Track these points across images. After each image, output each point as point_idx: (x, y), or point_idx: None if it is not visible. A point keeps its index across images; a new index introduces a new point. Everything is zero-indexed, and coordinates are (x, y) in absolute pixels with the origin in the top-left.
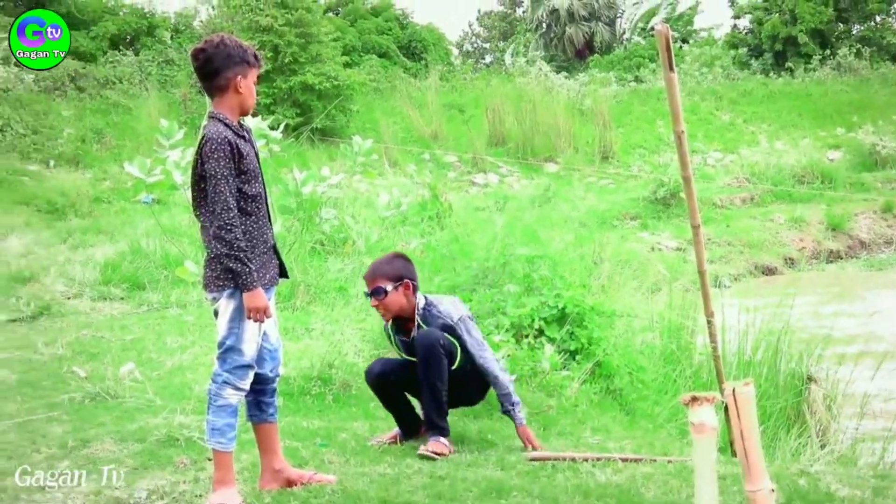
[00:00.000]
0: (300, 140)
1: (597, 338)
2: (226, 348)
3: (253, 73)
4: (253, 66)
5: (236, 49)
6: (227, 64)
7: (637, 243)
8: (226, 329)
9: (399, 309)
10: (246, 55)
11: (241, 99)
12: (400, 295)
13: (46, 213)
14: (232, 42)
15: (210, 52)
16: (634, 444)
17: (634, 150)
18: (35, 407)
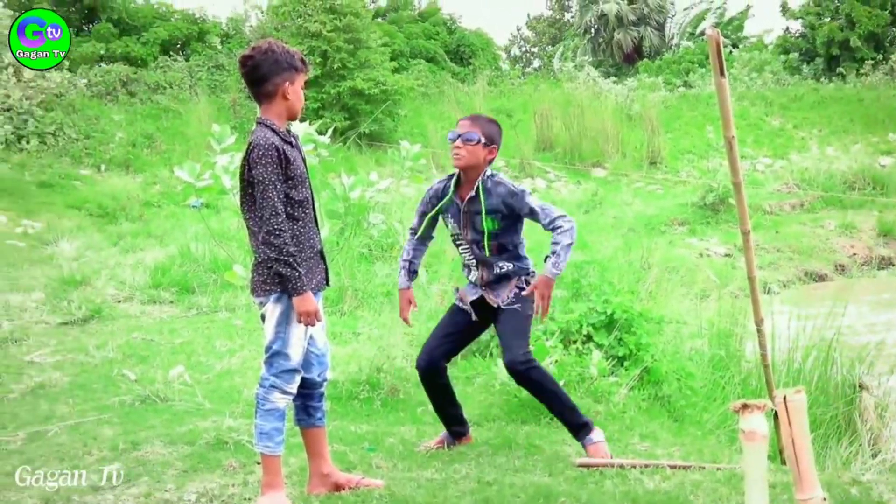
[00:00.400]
0: (348, 145)
1: (645, 344)
2: (272, 352)
3: (300, 78)
4: (300, 71)
5: (284, 55)
6: (274, 70)
7: (685, 249)
8: (272, 333)
9: (473, 164)
10: (293, 61)
11: (288, 105)
12: (483, 153)
13: (98, 216)
14: (279, 48)
15: (258, 59)
16: (683, 451)
17: (683, 156)
18: (86, 409)
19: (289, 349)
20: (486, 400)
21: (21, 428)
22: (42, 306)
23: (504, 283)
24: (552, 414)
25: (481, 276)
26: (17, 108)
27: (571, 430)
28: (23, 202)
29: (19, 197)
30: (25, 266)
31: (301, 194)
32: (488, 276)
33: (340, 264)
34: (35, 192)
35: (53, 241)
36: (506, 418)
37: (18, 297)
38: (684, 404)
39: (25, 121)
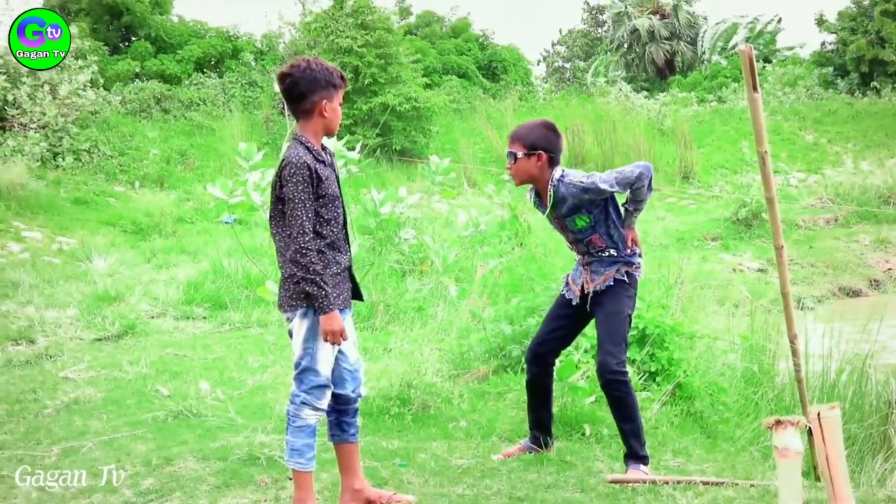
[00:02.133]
0: (379, 160)
1: (677, 359)
2: (302, 368)
3: (339, 95)
4: (339, 88)
5: (322, 72)
6: (313, 88)
7: (718, 264)
8: (301, 349)
9: (529, 177)
10: (332, 78)
11: (325, 122)
12: (531, 164)
13: (131, 233)
14: (318, 66)
15: (296, 77)
16: (716, 467)
17: (716, 171)
18: (119, 425)
19: (317, 365)
20: (518, 415)
21: (56, 443)
22: (76, 322)
23: (605, 268)
24: (618, 430)
25: (585, 261)
26: (52, 126)
27: (627, 455)
28: (58, 219)
29: (55, 214)
30: (60, 282)
31: (331, 213)
32: (590, 259)
33: (371, 280)
34: (70, 208)
35: (88, 258)
36: None
37: (53, 313)
38: (717, 420)
39: (61, 138)
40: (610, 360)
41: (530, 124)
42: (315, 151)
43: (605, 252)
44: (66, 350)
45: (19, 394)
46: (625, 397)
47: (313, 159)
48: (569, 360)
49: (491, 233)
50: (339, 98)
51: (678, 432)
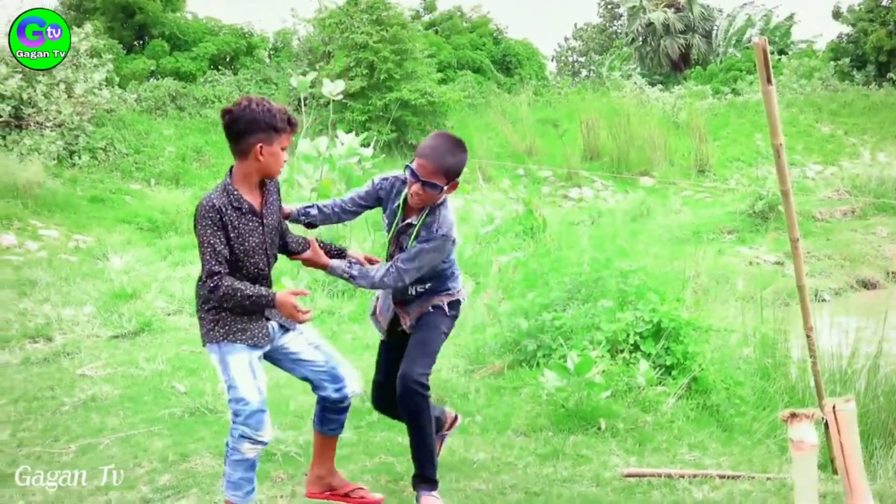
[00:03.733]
0: (394, 155)
1: (693, 353)
2: (230, 401)
3: (281, 139)
4: (281, 131)
5: (264, 114)
6: (251, 128)
7: (734, 257)
8: (223, 383)
9: (430, 203)
10: (274, 120)
11: (260, 166)
12: (442, 194)
13: (147, 230)
14: (260, 106)
15: (236, 114)
16: (732, 460)
17: (731, 164)
18: (136, 422)
19: (241, 392)
20: (533, 410)
21: (73, 440)
22: (93, 320)
23: (418, 302)
24: (411, 449)
25: (396, 299)
26: (68, 124)
27: (418, 477)
28: (74, 217)
29: (71, 212)
30: (77, 280)
31: (246, 266)
32: (401, 295)
33: None
34: (86, 206)
35: (104, 256)
36: (553, 428)
37: (70, 310)
38: (733, 413)
39: (77, 136)
40: (415, 369)
41: (450, 146)
42: (234, 196)
43: (418, 283)
44: (83, 347)
45: (37, 391)
46: (421, 412)
47: (227, 203)
48: (585, 357)
49: (506, 227)
50: (283, 142)
51: (694, 426)
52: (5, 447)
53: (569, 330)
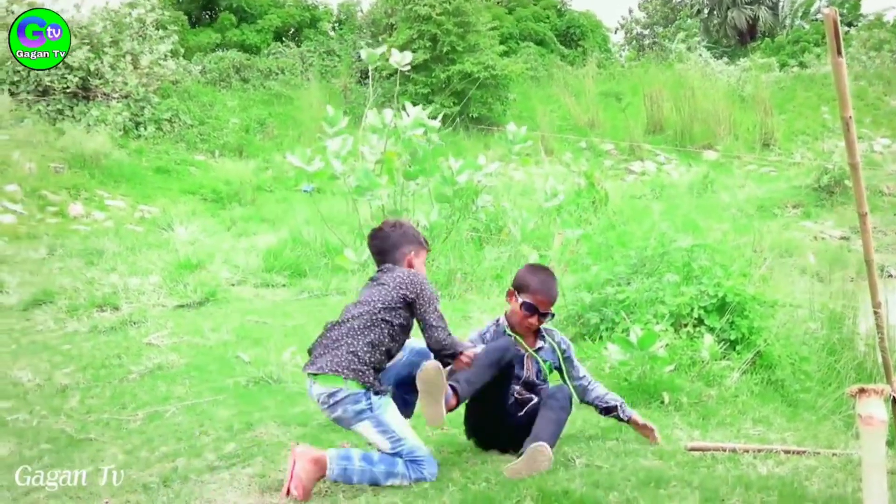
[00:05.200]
0: (457, 129)
1: (757, 327)
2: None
3: (423, 254)
4: (424, 248)
5: (412, 229)
6: (403, 241)
7: (799, 232)
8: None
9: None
10: (420, 237)
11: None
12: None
13: (211, 201)
14: (408, 224)
15: (387, 231)
16: (797, 436)
17: (797, 137)
18: (202, 390)
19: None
20: None
21: (140, 408)
22: (159, 289)
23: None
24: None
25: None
26: (134, 96)
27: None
28: (140, 187)
29: (137, 183)
30: (143, 250)
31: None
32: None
33: (449, 248)
34: (152, 177)
35: (169, 226)
36: None
37: (137, 280)
38: (798, 388)
39: (142, 108)
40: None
41: (552, 275)
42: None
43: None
44: (149, 317)
45: (105, 359)
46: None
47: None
48: (649, 330)
49: (568, 201)
50: (423, 258)
51: (759, 401)
52: (74, 413)
53: (632, 304)
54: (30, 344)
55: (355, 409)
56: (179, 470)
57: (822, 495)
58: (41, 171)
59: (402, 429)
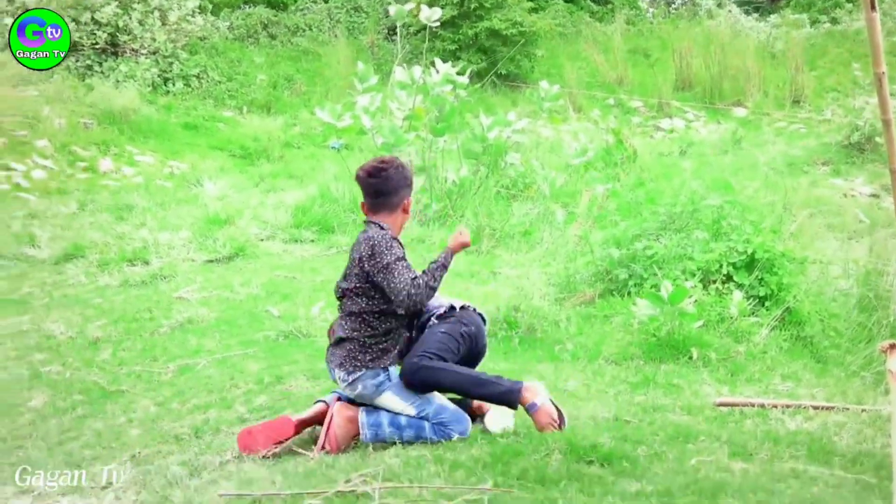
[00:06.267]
0: (485, 86)
1: (787, 284)
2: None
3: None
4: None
5: (409, 172)
6: (402, 184)
7: (829, 189)
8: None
9: None
10: (412, 179)
11: (404, 219)
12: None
13: (240, 157)
14: (406, 165)
15: (391, 172)
16: (826, 392)
17: (828, 94)
18: (232, 344)
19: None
20: (625, 339)
21: (171, 361)
22: (189, 244)
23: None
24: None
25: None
26: (162, 52)
27: (502, 402)
28: (169, 143)
29: (166, 138)
30: (172, 205)
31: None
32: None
33: (478, 204)
34: (180, 133)
35: (198, 182)
36: (644, 357)
37: (167, 235)
38: (828, 345)
39: (171, 64)
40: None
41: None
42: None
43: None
44: (179, 271)
45: (135, 313)
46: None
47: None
48: (678, 286)
49: (596, 158)
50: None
51: (787, 357)
52: (106, 366)
53: (661, 260)
54: (62, 297)
55: (374, 384)
56: (211, 422)
57: (851, 451)
58: (71, 126)
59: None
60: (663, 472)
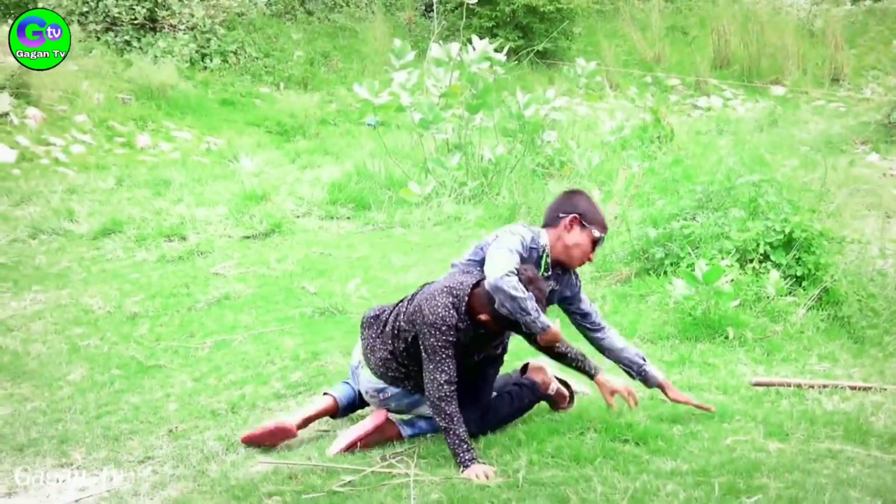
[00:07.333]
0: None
1: (824, 264)
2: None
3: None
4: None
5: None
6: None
7: (867, 168)
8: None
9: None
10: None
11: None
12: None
13: (276, 134)
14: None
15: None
16: (863, 372)
17: (867, 72)
18: (268, 320)
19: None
20: (660, 318)
21: (208, 336)
22: (225, 220)
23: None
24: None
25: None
26: (200, 28)
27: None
28: (206, 119)
29: (203, 114)
30: (209, 181)
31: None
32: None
33: (514, 182)
34: (217, 109)
35: (235, 158)
36: (680, 336)
37: (204, 211)
38: (865, 325)
39: (208, 40)
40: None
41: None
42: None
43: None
44: (216, 247)
45: (173, 288)
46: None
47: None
48: (714, 265)
49: (633, 136)
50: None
51: (824, 337)
52: (144, 340)
53: (698, 239)
54: (100, 272)
55: (408, 402)
56: (247, 397)
57: (889, 431)
58: (109, 101)
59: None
60: (698, 451)
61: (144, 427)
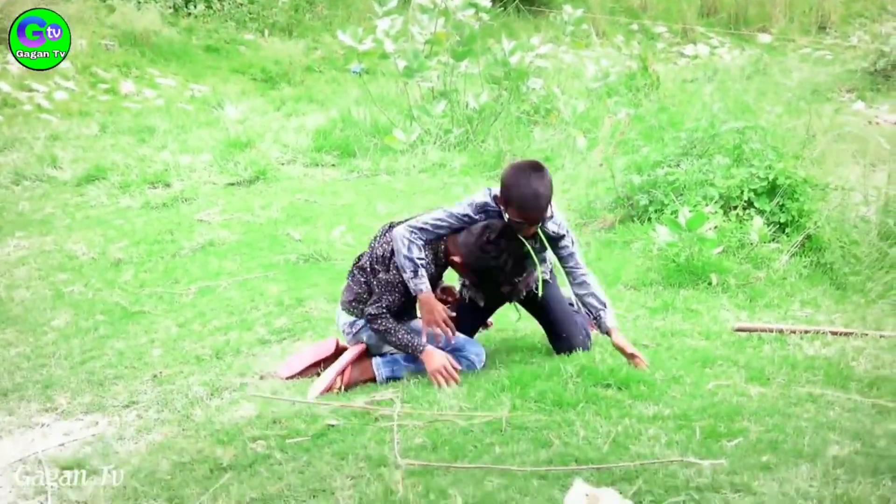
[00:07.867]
0: (506, 10)
1: (808, 210)
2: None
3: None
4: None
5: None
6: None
7: (853, 116)
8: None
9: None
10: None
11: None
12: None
13: (261, 81)
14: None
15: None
16: (845, 318)
17: (854, 20)
18: (253, 267)
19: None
20: (644, 265)
21: (193, 282)
22: (210, 167)
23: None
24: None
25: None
26: None
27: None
28: (190, 66)
29: (187, 61)
30: (193, 128)
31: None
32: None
33: (499, 129)
34: (201, 56)
35: (219, 105)
36: (663, 282)
37: (188, 158)
38: (847, 272)
39: None
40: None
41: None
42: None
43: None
44: (200, 194)
45: (157, 235)
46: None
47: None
48: (698, 212)
49: (619, 84)
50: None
51: (807, 283)
52: (128, 286)
53: (682, 185)
54: (84, 219)
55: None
56: (231, 343)
57: (868, 375)
58: (92, 48)
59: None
60: (680, 396)
61: (129, 372)
